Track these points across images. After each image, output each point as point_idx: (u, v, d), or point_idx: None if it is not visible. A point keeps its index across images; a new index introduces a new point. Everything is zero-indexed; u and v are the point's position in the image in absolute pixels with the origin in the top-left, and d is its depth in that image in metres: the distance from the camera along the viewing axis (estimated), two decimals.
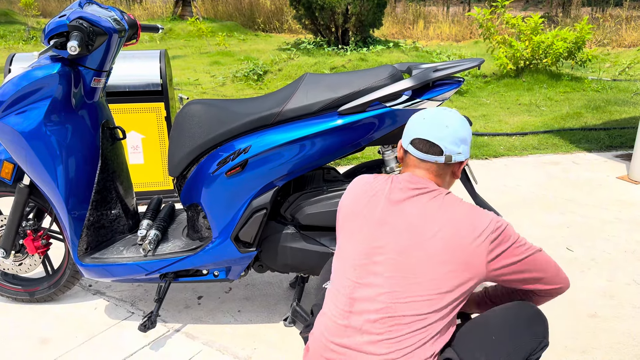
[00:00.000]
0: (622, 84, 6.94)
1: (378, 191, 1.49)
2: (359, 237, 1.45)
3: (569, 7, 14.33)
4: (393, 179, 1.50)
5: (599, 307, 2.34)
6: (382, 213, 1.44)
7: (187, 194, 2.07)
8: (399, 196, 1.45)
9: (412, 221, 1.39)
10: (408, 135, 1.51)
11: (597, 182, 3.79)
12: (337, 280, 1.46)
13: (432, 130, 1.46)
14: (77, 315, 2.31)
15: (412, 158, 1.50)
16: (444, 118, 1.48)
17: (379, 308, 1.35)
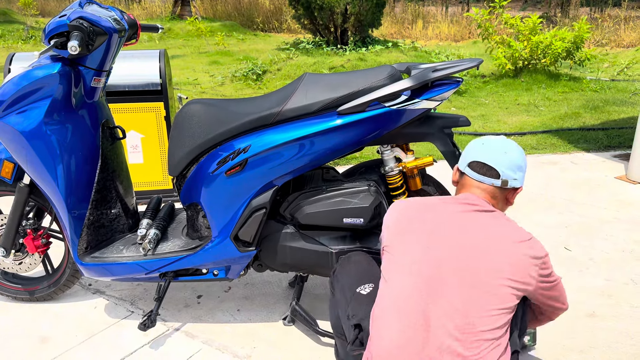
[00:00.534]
0: (621, 84, 6.95)
1: (435, 208, 1.53)
2: (422, 253, 1.45)
3: (567, 7, 14.35)
4: (447, 198, 1.57)
5: (597, 307, 2.35)
6: (445, 228, 1.47)
7: (186, 194, 2.08)
8: (459, 212, 1.50)
9: (476, 237, 1.45)
10: (466, 158, 1.61)
11: (596, 182, 3.81)
12: (398, 296, 1.43)
13: (490, 155, 1.56)
14: (77, 314, 2.32)
15: (469, 179, 1.59)
16: (503, 145, 1.58)
17: (458, 324, 1.35)
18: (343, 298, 1.68)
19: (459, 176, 1.64)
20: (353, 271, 1.75)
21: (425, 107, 1.89)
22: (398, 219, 1.55)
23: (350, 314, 1.61)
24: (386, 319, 1.42)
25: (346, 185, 2.00)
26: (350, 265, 1.77)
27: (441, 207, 1.53)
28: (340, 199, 1.96)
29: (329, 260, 2.02)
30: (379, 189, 1.99)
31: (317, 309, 2.33)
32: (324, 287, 2.51)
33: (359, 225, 1.95)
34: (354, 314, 1.60)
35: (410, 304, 1.39)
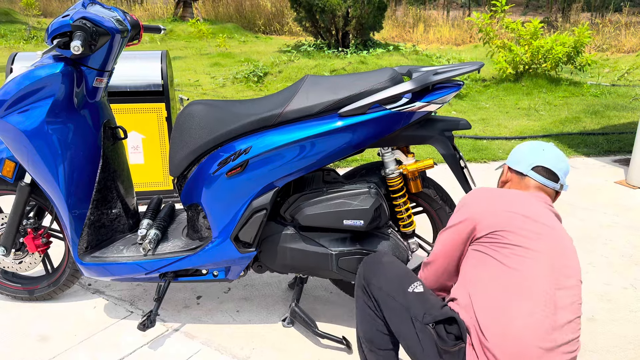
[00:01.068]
0: (621, 89, 6.96)
1: (528, 199, 1.60)
2: (536, 241, 1.50)
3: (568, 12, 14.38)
4: (527, 193, 1.64)
5: (597, 311, 2.35)
6: (544, 219, 1.55)
7: (187, 194, 2.08)
8: (545, 208, 1.60)
9: (562, 233, 1.56)
10: (527, 161, 1.71)
11: (596, 187, 3.81)
12: (523, 281, 1.45)
13: (552, 161, 1.70)
14: (76, 314, 2.32)
15: (532, 181, 1.69)
16: (560, 154, 1.73)
17: (574, 309, 1.47)
18: (395, 303, 1.57)
19: (516, 176, 1.73)
20: (391, 274, 1.65)
21: (426, 110, 1.90)
22: (497, 205, 1.58)
23: (420, 314, 1.52)
24: (514, 304, 1.43)
25: (347, 187, 2.01)
26: (385, 269, 1.67)
27: (532, 200, 1.60)
28: (340, 200, 1.96)
29: (329, 262, 2.02)
30: (379, 191, 1.99)
31: (317, 311, 2.34)
32: (324, 289, 2.52)
33: (359, 227, 1.95)
34: (424, 312, 1.52)
35: (539, 289, 1.44)
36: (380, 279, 1.63)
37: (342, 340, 2.08)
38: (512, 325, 1.40)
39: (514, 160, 1.75)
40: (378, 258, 1.72)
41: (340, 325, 2.25)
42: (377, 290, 1.62)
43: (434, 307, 1.53)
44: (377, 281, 1.63)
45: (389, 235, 2.06)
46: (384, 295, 1.60)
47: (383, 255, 1.73)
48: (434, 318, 1.49)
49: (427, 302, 1.55)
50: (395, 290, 1.59)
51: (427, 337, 1.50)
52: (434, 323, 1.49)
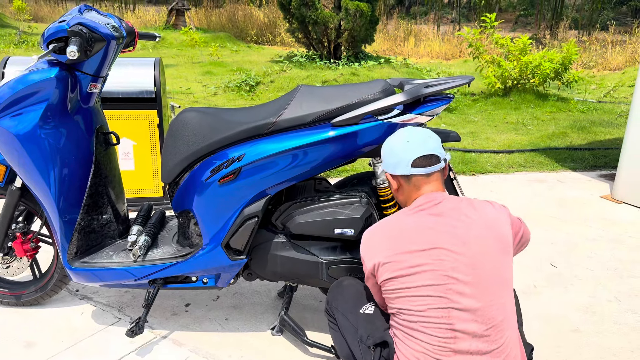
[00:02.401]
0: (607, 105, 7.09)
1: (417, 224, 1.53)
2: (431, 268, 1.46)
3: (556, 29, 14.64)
4: (414, 211, 1.57)
5: (582, 323, 2.39)
6: (436, 237, 1.48)
7: (178, 201, 2.09)
8: (436, 214, 1.53)
9: (460, 229, 1.50)
10: (402, 161, 1.61)
11: (582, 201, 3.87)
12: (431, 309, 1.45)
13: (423, 146, 1.60)
14: (64, 320, 2.30)
15: (419, 178, 1.60)
16: (421, 133, 1.64)
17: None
18: (347, 324, 1.66)
19: (404, 181, 1.62)
20: (347, 295, 1.75)
21: (417, 122, 1.93)
22: (396, 248, 1.51)
23: (364, 336, 1.59)
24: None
25: (338, 196, 2.03)
26: (343, 290, 1.77)
27: (421, 223, 1.52)
28: (331, 209, 1.98)
29: (319, 270, 2.03)
30: (370, 200, 2.01)
31: (306, 319, 2.34)
32: (313, 298, 2.52)
33: (350, 236, 1.97)
34: (368, 334, 1.59)
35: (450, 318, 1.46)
36: (339, 301, 1.74)
37: (330, 349, 2.08)
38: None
39: (391, 166, 1.64)
40: (340, 281, 1.85)
41: (329, 334, 2.25)
42: (335, 311, 1.73)
43: (377, 330, 1.61)
44: (336, 303, 1.75)
45: None
46: (340, 316, 1.72)
47: (345, 279, 1.86)
48: (374, 341, 1.58)
49: (373, 324, 1.63)
50: (349, 311, 1.69)
51: (369, 357, 1.60)
52: (374, 346, 1.57)
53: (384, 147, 1.70)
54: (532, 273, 2.81)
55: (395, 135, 1.68)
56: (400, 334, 1.51)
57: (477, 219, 1.53)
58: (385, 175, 1.80)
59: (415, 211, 1.57)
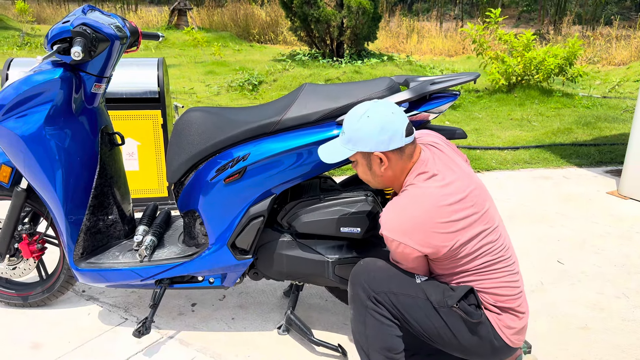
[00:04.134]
0: (612, 101, 7.05)
1: (439, 191, 1.60)
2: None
3: (560, 25, 14.57)
4: (424, 179, 1.63)
5: (590, 320, 2.37)
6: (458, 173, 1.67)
7: (184, 201, 2.08)
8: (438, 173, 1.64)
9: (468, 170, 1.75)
10: (396, 135, 1.60)
11: (588, 197, 3.85)
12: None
13: (402, 115, 1.64)
14: (70, 321, 2.31)
15: (409, 146, 1.65)
16: (389, 104, 1.65)
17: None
18: (410, 299, 1.60)
19: (395, 155, 1.62)
20: (392, 274, 1.66)
21: (423, 119, 1.92)
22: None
23: (441, 299, 1.59)
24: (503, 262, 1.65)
25: (343, 194, 2.02)
26: (384, 272, 1.67)
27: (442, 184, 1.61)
28: (337, 208, 1.97)
29: (326, 269, 2.02)
30: (376, 199, 2.00)
31: (312, 318, 2.34)
32: (319, 297, 2.52)
33: (356, 235, 1.96)
34: (444, 295, 1.59)
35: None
36: (389, 284, 1.64)
37: (337, 347, 2.08)
38: (512, 275, 1.65)
39: (384, 143, 1.60)
40: (372, 265, 1.71)
41: (336, 332, 2.25)
42: (391, 295, 1.62)
43: (446, 288, 1.62)
44: (386, 286, 1.63)
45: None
46: (400, 297, 1.62)
47: (375, 261, 1.73)
48: (456, 297, 1.57)
49: (437, 285, 1.64)
50: (407, 288, 1.62)
51: (454, 318, 1.58)
52: (457, 302, 1.56)
53: (365, 130, 1.60)
54: (539, 270, 2.79)
55: (372, 112, 1.60)
56: (474, 278, 1.62)
57: (452, 154, 1.74)
58: (372, 160, 1.66)
59: (425, 179, 1.62)
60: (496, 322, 1.62)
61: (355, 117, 1.63)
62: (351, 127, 1.64)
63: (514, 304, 1.63)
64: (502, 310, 1.63)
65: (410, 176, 1.65)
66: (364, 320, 1.65)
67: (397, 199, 1.62)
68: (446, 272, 1.65)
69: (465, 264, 1.60)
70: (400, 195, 1.64)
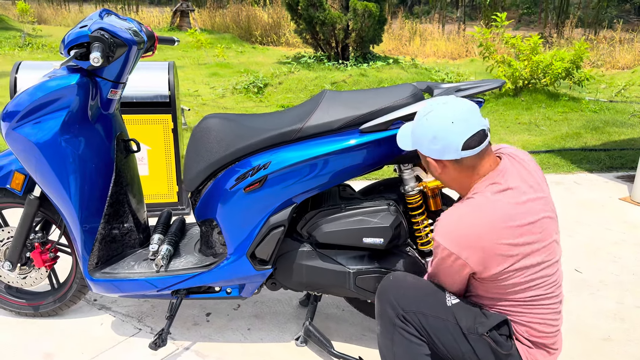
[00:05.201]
0: (619, 105, 7.02)
1: (507, 206, 1.48)
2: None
3: (562, 28, 14.55)
4: (493, 194, 1.49)
5: (612, 331, 2.33)
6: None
7: (202, 209, 2.04)
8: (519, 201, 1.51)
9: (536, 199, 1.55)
10: (449, 147, 1.48)
11: (600, 203, 3.81)
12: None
13: (468, 124, 1.47)
14: (83, 331, 2.26)
15: (471, 158, 1.50)
16: (461, 108, 1.50)
17: None
18: (439, 322, 1.54)
19: (452, 164, 1.52)
20: (422, 293, 1.60)
21: None
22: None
23: (472, 325, 1.51)
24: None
25: (365, 204, 1.97)
26: (412, 290, 1.61)
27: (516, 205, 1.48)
28: (359, 218, 1.93)
29: (347, 280, 1.97)
30: (399, 208, 1.96)
31: (330, 329, 2.29)
32: (336, 307, 2.47)
33: (379, 245, 1.92)
34: (476, 321, 1.51)
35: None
36: (418, 303, 1.58)
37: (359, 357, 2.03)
38: (554, 314, 1.56)
39: (436, 152, 1.51)
40: (402, 281, 1.66)
41: (355, 344, 2.20)
42: (420, 316, 1.56)
43: (478, 314, 1.54)
44: (416, 306, 1.57)
45: (407, 253, 2.02)
46: (429, 318, 1.56)
47: (405, 277, 1.68)
48: (488, 326, 1.49)
49: (469, 310, 1.56)
50: (437, 310, 1.55)
51: (483, 346, 1.51)
52: (488, 331, 1.49)
53: (420, 132, 1.53)
54: None
55: (433, 115, 1.49)
56: (515, 309, 1.53)
57: (535, 173, 1.59)
58: (428, 161, 1.58)
59: (497, 191, 1.49)
60: (526, 355, 1.54)
61: (419, 115, 1.55)
62: (415, 122, 1.57)
63: (549, 341, 1.56)
64: (536, 345, 1.55)
65: (481, 184, 1.52)
66: (392, 337, 1.60)
67: (461, 206, 1.52)
68: (487, 294, 1.56)
69: (511, 294, 1.50)
70: (465, 202, 1.52)
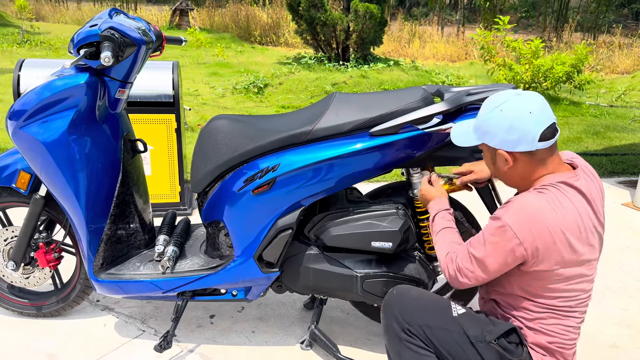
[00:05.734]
0: (619, 110, 7.03)
1: (575, 209, 1.44)
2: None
3: (561, 32, 14.58)
4: (562, 191, 1.44)
5: (618, 337, 2.32)
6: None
7: (209, 211, 2.02)
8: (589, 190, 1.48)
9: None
10: (526, 137, 1.42)
11: None
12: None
13: (545, 114, 1.43)
14: (86, 332, 2.23)
15: (544, 151, 1.45)
16: (535, 98, 1.45)
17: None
18: (446, 333, 1.53)
19: (524, 157, 1.46)
20: (426, 305, 1.60)
21: None
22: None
23: (480, 334, 1.50)
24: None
25: (373, 207, 1.96)
26: (418, 303, 1.61)
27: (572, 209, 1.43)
28: (368, 221, 1.92)
29: (354, 284, 1.96)
30: (407, 212, 1.95)
31: (335, 333, 2.27)
32: (340, 310, 2.45)
33: (387, 250, 1.90)
34: (484, 330, 1.50)
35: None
36: (423, 316, 1.56)
37: None
38: (575, 329, 1.54)
39: (511, 143, 1.45)
40: (405, 295, 1.65)
41: (360, 348, 2.19)
42: (425, 328, 1.54)
43: (486, 323, 1.54)
44: (420, 319, 1.56)
45: (415, 257, 2.01)
46: (435, 330, 1.54)
47: (409, 290, 1.67)
48: (496, 333, 1.48)
49: (476, 319, 1.55)
50: (443, 322, 1.54)
51: (492, 354, 1.50)
52: (496, 338, 1.48)
53: (494, 123, 1.46)
54: None
55: (508, 105, 1.44)
56: (543, 314, 1.51)
57: (600, 189, 1.54)
58: (498, 154, 1.50)
59: (570, 188, 1.45)
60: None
61: (489, 107, 1.49)
62: (483, 115, 1.50)
63: (567, 352, 1.54)
64: (550, 352, 1.53)
65: (553, 177, 1.46)
66: (399, 351, 1.58)
67: (529, 194, 1.46)
68: (520, 292, 1.52)
69: (548, 298, 1.49)
70: (532, 192, 1.46)
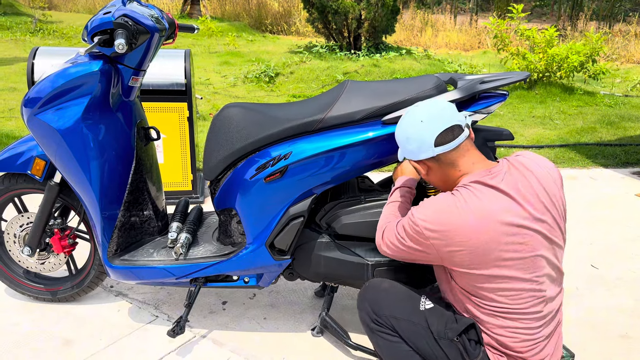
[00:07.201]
0: (634, 100, 6.94)
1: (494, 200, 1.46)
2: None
3: (576, 21, 14.36)
4: (472, 191, 1.47)
5: (630, 327, 2.31)
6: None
7: (221, 198, 2.03)
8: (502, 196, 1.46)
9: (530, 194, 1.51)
10: (423, 146, 1.51)
11: (616, 199, 3.77)
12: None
13: (439, 121, 1.50)
14: (100, 317, 2.27)
15: (448, 155, 1.51)
16: (432, 107, 1.53)
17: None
18: (412, 326, 1.56)
19: (432, 163, 1.54)
20: (398, 297, 1.64)
21: (472, 120, 1.85)
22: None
23: (442, 330, 1.53)
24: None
25: (385, 196, 1.96)
26: (390, 295, 1.66)
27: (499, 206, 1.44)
28: (379, 210, 1.92)
29: (364, 272, 1.97)
30: None
31: (346, 320, 2.29)
32: (350, 297, 2.47)
33: None
34: (446, 326, 1.53)
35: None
36: (391, 307, 1.62)
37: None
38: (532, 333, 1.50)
39: (413, 153, 1.54)
40: (377, 287, 1.72)
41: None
42: (392, 319, 1.60)
43: (450, 319, 1.56)
44: (388, 310, 1.61)
45: None
46: (401, 322, 1.59)
47: (380, 283, 1.75)
48: (457, 331, 1.51)
49: (442, 316, 1.58)
50: (409, 313, 1.59)
51: (454, 351, 1.53)
52: (457, 336, 1.51)
53: (398, 136, 1.60)
54: (573, 274, 2.73)
55: (405, 119, 1.56)
56: (489, 311, 1.50)
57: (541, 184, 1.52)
58: (413, 165, 1.62)
59: (480, 185, 1.48)
60: None
61: (398, 122, 1.62)
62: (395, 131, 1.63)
63: (522, 355, 1.51)
64: (505, 354, 1.52)
65: (466, 178, 1.52)
66: (376, 341, 1.66)
67: (441, 195, 1.52)
68: (459, 295, 1.56)
69: (485, 299, 1.50)
70: (446, 193, 1.53)
